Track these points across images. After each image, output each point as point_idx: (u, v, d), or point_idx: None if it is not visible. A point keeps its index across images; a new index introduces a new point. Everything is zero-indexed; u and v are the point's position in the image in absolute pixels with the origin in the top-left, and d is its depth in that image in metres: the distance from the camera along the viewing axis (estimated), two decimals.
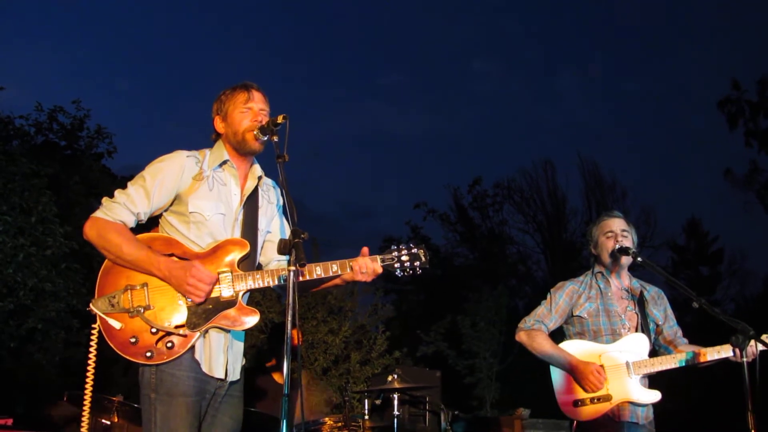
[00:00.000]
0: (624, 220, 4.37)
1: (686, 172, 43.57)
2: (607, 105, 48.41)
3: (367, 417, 5.50)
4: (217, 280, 3.10)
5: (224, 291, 3.10)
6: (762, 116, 24.82)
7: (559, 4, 52.64)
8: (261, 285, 3.16)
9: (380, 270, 3.26)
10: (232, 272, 3.13)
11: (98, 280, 3.11)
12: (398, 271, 3.30)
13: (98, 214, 3.12)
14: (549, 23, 54.21)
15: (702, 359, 4.08)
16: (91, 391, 3.36)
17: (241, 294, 3.13)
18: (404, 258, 3.30)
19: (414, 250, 3.31)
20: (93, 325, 3.08)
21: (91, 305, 3.06)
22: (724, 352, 4.03)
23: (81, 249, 11.53)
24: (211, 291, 3.07)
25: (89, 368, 3.22)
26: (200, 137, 3.49)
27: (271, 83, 3.38)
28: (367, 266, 3.22)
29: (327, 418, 5.31)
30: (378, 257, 3.28)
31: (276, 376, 5.74)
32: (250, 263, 3.24)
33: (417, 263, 3.31)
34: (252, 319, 3.14)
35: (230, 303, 3.11)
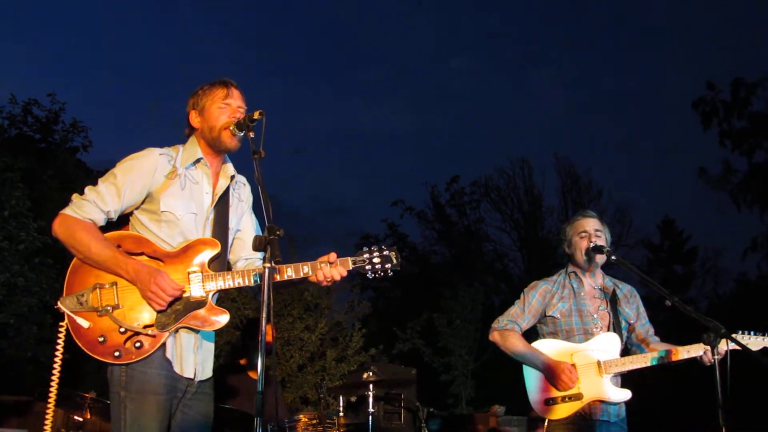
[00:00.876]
0: (598, 220, 4.40)
1: (661, 172, 44.04)
2: (584, 104, 48.75)
3: (342, 414, 5.50)
4: (187, 281, 3.08)
5: (194, 291, 3.08)
6: (736, 117, 25.08)
7: (537, 3, 52.91)
8: (232, 285, 3.14)
9: (345, 274, 3.21)
10: (202, 272, 3.10)
11: (67, 278, 3.08)
12: (369, 273, 3.26)
13: (68, 211, 3.08)
14: (526, 22, 54.49)
15: (672, 358, 4.12)
16: (62, 388, 3.33)
17: (211, 294, 3.11)
18: (375, 260, 3.25)
19: (386, 252, 3.27)
20: (60, 323, 3.03)
21: (59, 303, 3.03)
22: (694, 351, 4.08)
23: (54, 244, 11.33)
24: (173, 302, 3.03)
25: (55, 367, 3.15)
26: (176, 133, 3.46)
27: (248, 79, 3.36)
28: (332, 275, 3.17)
29: (302, 415, 5.29)
30: (349, 259, 3.24)
31: (250, 373, 5.72)
32: (220, 263, 3.22)
33: (388, 265, 3.26)
34: (222, 319, 3.11)
35: (200, 303, 3.08)
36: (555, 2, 51.21)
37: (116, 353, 2.97)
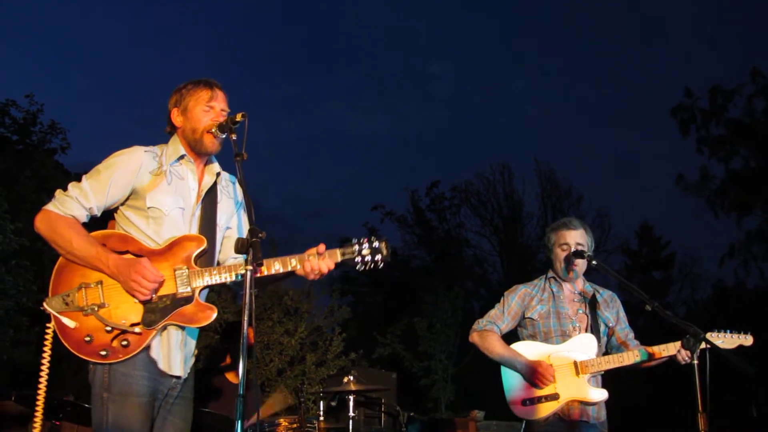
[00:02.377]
0: (582, 231, 4.37)
1: (640, 178, 44.35)
2: (564, 110, 48.98)
3: (322, 418, 5.48)
4: (173, 278, 3.04)
5: (180, 288, 3.04)
6: (713, 124, 25.36)
7: (516, 9, 53.17)
8: (218, 281, 3.10)
9: (332, 267, 3.16)
10: (188, 268, 3.07)
11: (52, 279, 3.04)
12: (359, 265, 3.20)
13: (50, 207, 3.06)
14: (506, 27, 54.77)
15: (650, 358, 4.16)
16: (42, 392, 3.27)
17: (198, 291, 3.08)
18: (365, 251, 3.19)
19: (375, 244, 3.20)
20: (47, 324, 2.99)
21: (44, 304, 2.99)
22: (669, 351, 4.13)
23: (32, 246, 11.30)
24: (157, 289, 3.00)
25: (43, 369, 3.11)
26: (156, 135, 3.42)
27: (227, 81, 3.33)
28: (320, 268, 3.13)
29: (282, 420, 5.27)
30: (338, 250, 3.19)
31: (230, 376, 5.68)
32: (208, 259, 3.19)
33: (378, 257, 3.20)
34: (209, 316, 3.08)
35: (187, 300, 3.05)
36: (534, 9, 51.54)
37: (103, 352, 2.93)
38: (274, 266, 3.14)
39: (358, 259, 3.20)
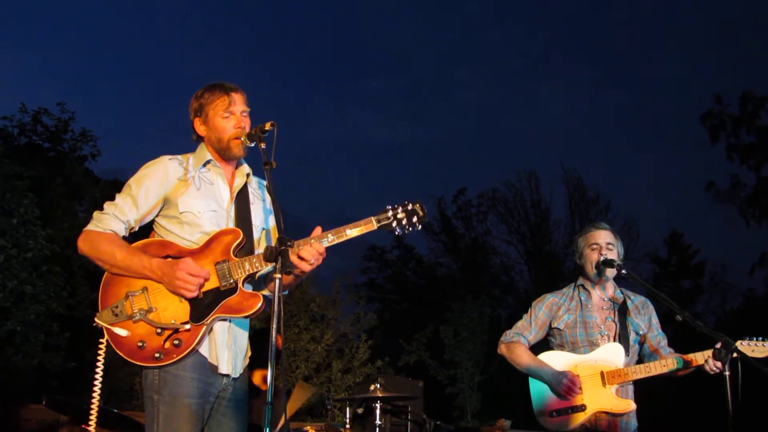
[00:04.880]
0: (610, 232, 4.40)
1: (669, 185, 43.91)
2: (591, 116, 48.62)
3: (348, 426, 5.49)
4: (215, 272, 3.07)
5: (223, 281, 3.07)
6: (744, 131, 25.07)
7: (543, 15, 52.96)
8: (259, 267, 3.10)
9: (322, 250, 3.08)
10: (229, 260, 3.09)
11: (100, 294, 3.11)
12: (397, 230, 3.16)
13: (90, 227, 3.14)
14: (533, 34, 54.58)
15: (679, 368, 4.10)
16: (68, 396, 3.32)
17: (241, 281, 3.09)
18: (400, 215, 3.15)
19: (410, 207, 3.17)
20: (101, 340, 3.06)
21: (96, 319, 3.05)
22: (698, 360, 4.06)
23: (62, 252, 11.43)
24: (203, 285, 3.03)
25: (96, 383, 3.17)
26: (183, 141, 3.47)
27: (254, 89, 3.36)
28: (310, 254, 3.06)
29: (309, 426, 5.29)
30: (373, 218, 3.16)
31: (255, 377, 5.71)
32: (246, 252, 3.18)
33: (415, 218, 3.17)
34: (255, 304, 3.06)
35: (231, 291, 3.07)
36: (560, 14, 51.29)
37: (157, 355, 2.98)
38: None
39: (395, 224, 3.16)
